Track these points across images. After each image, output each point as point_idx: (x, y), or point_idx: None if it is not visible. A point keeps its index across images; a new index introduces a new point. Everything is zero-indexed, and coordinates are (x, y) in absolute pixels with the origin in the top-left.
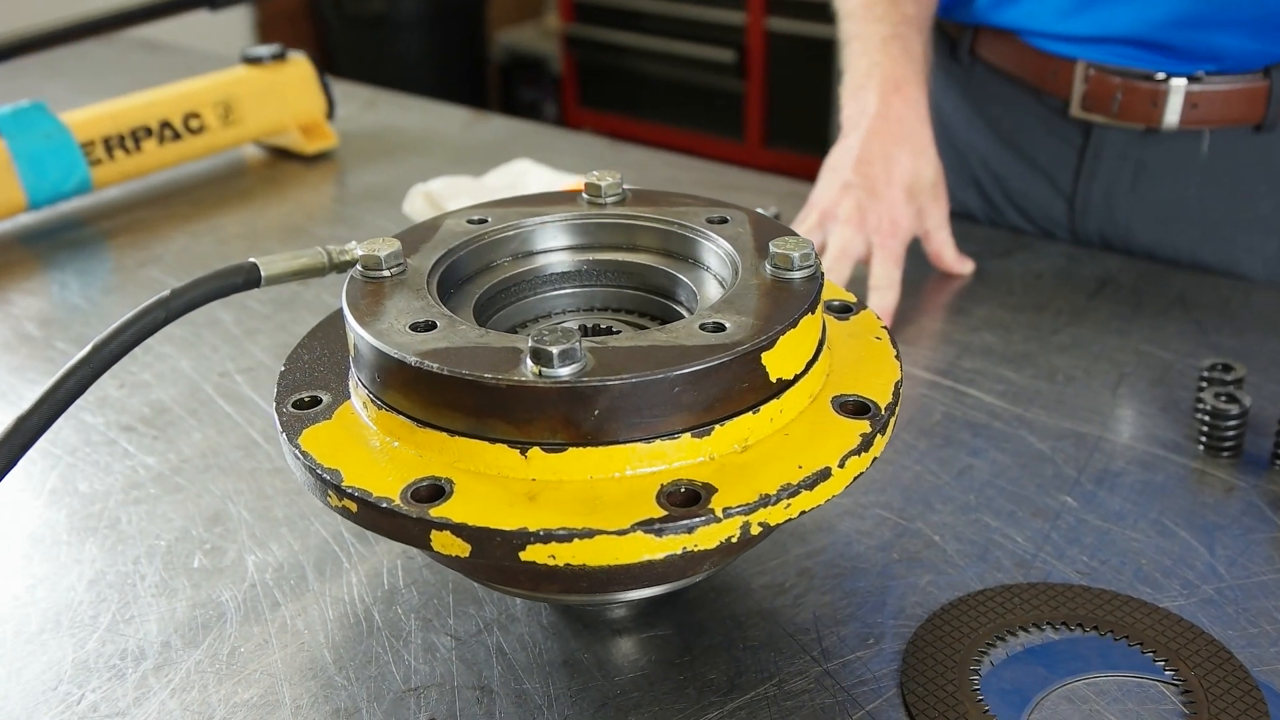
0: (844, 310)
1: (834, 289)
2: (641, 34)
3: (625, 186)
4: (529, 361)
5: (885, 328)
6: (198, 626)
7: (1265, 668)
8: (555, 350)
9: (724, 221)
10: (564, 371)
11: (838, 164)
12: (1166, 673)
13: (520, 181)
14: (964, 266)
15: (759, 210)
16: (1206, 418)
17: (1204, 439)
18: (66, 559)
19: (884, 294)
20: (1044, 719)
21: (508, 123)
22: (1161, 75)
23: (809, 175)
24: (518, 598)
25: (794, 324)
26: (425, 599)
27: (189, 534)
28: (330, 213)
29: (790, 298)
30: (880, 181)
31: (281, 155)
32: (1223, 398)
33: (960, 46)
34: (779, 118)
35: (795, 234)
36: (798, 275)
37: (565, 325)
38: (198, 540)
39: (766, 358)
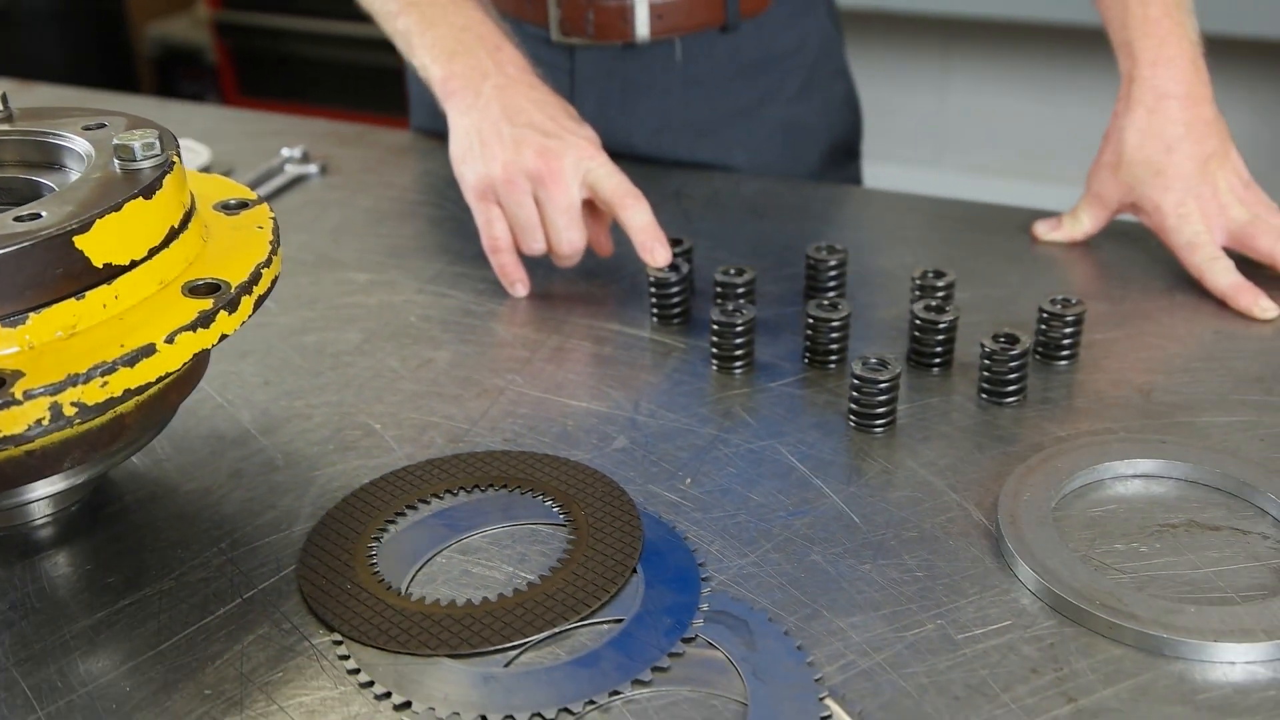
0: (240, 207)
1: (238, 189)
2: (298, 16)
3: (14, 106)
4: None
5: (273, 218)
6: None
7: (656, 498)
8: None
9: (101, 127)
10: None
11: (482, 135)
12: (560, 515)
13: None
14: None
15: None
16: (653, 290)
17: (655, 311)
18: None
19: (637, 206)
20: (432, 572)
21: (58, 92)
22: None
23: None
24: None
25: (117, 208)
26: None
27: None
28: None
29: (129, 187)
30: (547, 123)
31: None
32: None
33: None
34: None
35: (155, 125)
36: (146, 165)
37: None
38: None
39: (82, 241)
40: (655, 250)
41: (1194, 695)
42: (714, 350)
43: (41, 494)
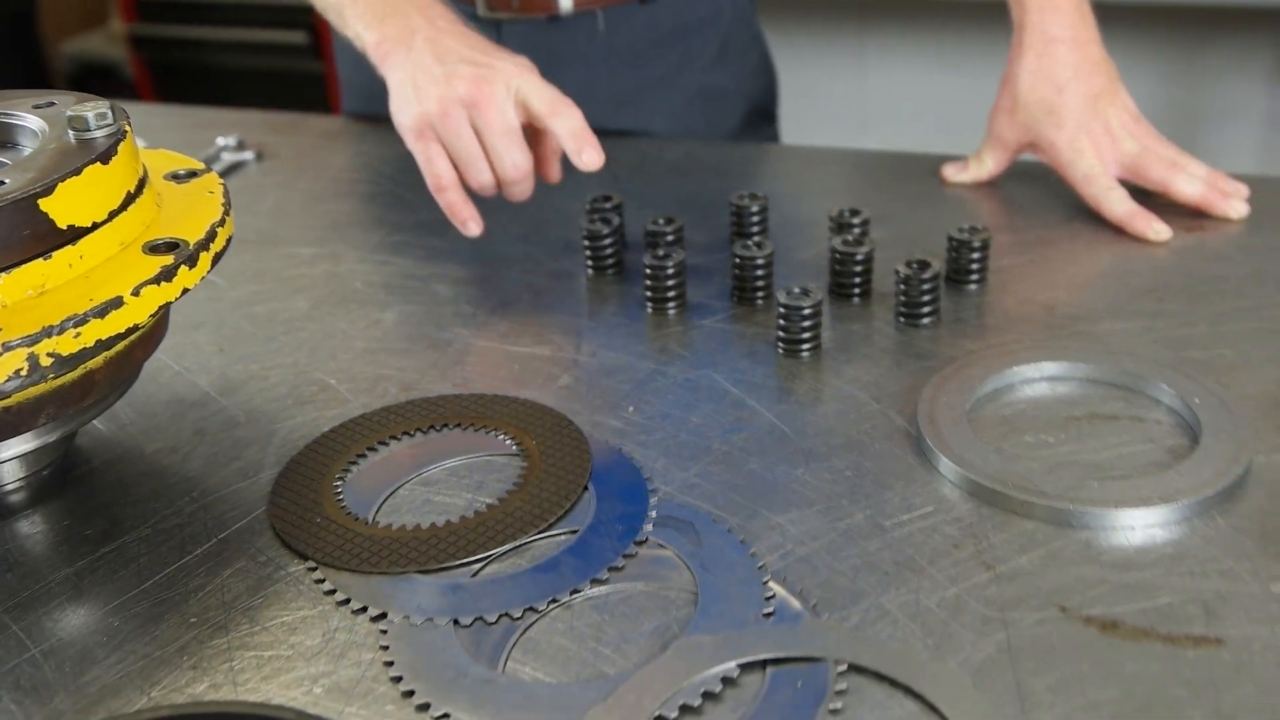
0: (189, 176)
1: (185, 161)
2: (211, 25)
3: None
4: None
5: (222, 184)
6: None
7: (602, 426)
8: None
9: (51, 105)
10: None
11: (415, 81)
12: (511, 445)
13: None
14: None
15: None
16: (587, 242)
17: (590, 262)
18: None
19: (568, 113)
20: (396, 504)
21: None
22: None
23: None
24: None
25: (76, 172)
26: None
27: None
28: None
29: (86, 154)
30: (477, 56)
31: None
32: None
33: None
34: None
35: (103, 99)
36: (100, 134)
37: None
38: None
39: (47, 204)
40: (586, 153)
41: (1099, 556)
42: (648, 293)
43: (13, 454)
